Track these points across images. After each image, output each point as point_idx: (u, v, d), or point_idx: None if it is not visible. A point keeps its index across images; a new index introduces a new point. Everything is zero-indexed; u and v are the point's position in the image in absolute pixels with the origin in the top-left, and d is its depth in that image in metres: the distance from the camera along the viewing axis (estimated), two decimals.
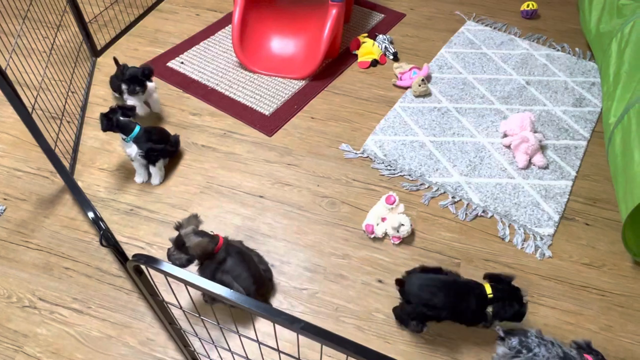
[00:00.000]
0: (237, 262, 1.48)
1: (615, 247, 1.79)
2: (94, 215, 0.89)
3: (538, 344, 1.29)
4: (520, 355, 1.28)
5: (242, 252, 1.52)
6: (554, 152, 2.12)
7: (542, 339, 1.31)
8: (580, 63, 2.61)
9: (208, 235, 1.47)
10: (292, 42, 2.56)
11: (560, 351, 1.28)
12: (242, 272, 1.47)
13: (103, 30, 2.68)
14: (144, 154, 1.85)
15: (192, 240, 1.42)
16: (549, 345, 1.29)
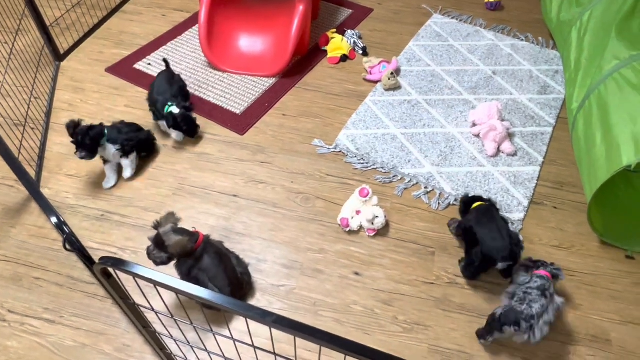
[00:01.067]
0: (214, 262, 1.47)
1: (582, 229, 1.84)
2: (57, 220, 0.87)
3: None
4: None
5: (220, 253, 1.51)
6: (522, 139, 2.17)
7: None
8: (543, 52, 2.68)
9: (187, 232, 1.46)
10: (261, 40, 2.55)
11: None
12: (219, 273, 1.46)
13: (66, 34, 2.61)
14: (120, 147, 1.84)
15: (172, 239, 1.41)
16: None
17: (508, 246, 1.52)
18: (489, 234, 1.55)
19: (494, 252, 1.52)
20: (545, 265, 1.50)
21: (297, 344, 1.45)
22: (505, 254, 1.51)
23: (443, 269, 1.70)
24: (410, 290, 1.64)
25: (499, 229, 1.56)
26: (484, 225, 1.58)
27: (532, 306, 1.36)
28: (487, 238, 1.55)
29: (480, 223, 1.59)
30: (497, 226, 1.57)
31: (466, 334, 1.54)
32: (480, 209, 1.66)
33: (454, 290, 1.65)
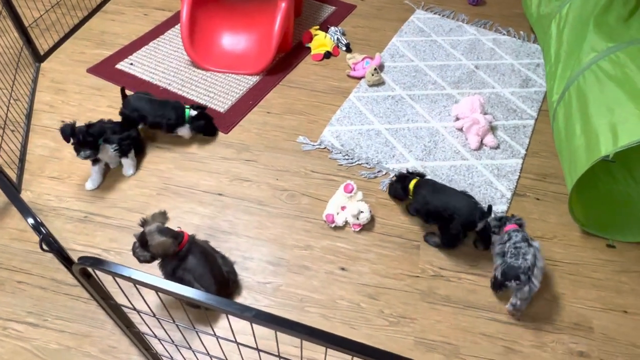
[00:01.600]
0: (199, 261, 1.46)
1: (564, 219, 1.87)
2: (34, 220, 0.86)
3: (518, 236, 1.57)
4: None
5: (205, 252, 1.51)
6: (504, 132, 2.20)
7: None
8: (525, 46, 2.71)
9: (172, 233, 1.45)
10: (244, 38, 2.54)
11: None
12: (205, 273, 1.46)
13: (46, 35, 2.57)
14: (118, 147, 1.83)
15: (155, 239, 1.40)
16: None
17: (475, 203, 1.64)
18: (454, 201, 1.64)
19: (470, 217, 1.60)
20: (510, 219, 1.64)
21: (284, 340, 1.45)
22: (479, 212, 1.61)
23: (428, 262, 1.72)
24: (396, 284, 1.65)
25: (456, 194, 1.67)
26: (443, 196, 1.67)
27: (526, 259, 1.48)
28: (457, 206, 1.63)
29: (437, 197, 1.68)
30: (452, 192, 1.69)
31: (451, 325, 1.55)
32: (423, 184, 1.74)
33: (439, 282, 1.66)
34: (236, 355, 1.36)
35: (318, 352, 1.44)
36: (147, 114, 1.96)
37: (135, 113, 1.96)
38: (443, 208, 1.64)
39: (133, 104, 1.96)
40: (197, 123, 2.02)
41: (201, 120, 2.03)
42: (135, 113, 1.96)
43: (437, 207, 1.66)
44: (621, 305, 1.63)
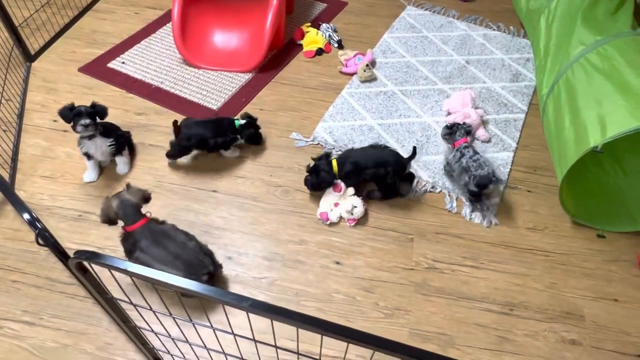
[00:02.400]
0: (154, 242, 1.46)
1: (555, 210, 1.90)
2: (30, 216, 0.86)
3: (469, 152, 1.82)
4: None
5: (166, 234, 1.49)
6: (495, 126, 2.22)
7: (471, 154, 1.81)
8: (515, 41, 2.74)
9: (133, 209, 1.49)
10: (235, 35, 2.54)
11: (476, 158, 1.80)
12: (160, 254, 1.45)
13: (36, 34, 2.56)
14: (114, 142, 1.84)
15: (105, 204, 1.49)
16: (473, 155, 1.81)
17: (395, 151, 1.81)
18: (381, 156, 1.78)
19: (399, 163, 1.78)
20: (460, 130, 1.87)
21: (280, 333, 1.46)
22: (405, 158, 1.79)
23: (422, 255, 1.73)
24: (390, 277, 1.67)
25: (375, 150, 1.81)
26: (369, 156, 1.79)
27: (488, 164, 1.77)
28: (386, 159, 1.76)
29: (366, 159, 1.78)
30: (371, 150, 1.81)
31: (446, 316, 1.57)
32: (344, 156, 1.82)
33: (433, 274, 1.68)
34: (233, 348, 1.37)
35: (314, 344, 1.45)
36: (206, 137, 1.90)
37: (193, 140, 1.90)
38: (376, 165, 1.76)
39: (187, 133, 1.90)
40: (246, 132, 1.97)
41: (251, 129, 1.98)
42: (193, 140, 1.90)
43: (370, 166, 1.77)
44: (611, 293, 1.66)
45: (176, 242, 1.50)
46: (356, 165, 1.78)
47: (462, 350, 1.50)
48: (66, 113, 1.75)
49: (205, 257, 1.52)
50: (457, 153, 1.82)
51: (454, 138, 1.88)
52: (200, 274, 1.48)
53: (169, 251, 1.47)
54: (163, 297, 1.53)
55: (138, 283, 1.43)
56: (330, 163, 1.80)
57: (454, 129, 1.89)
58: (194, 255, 1.50)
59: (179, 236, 1.53)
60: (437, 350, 1.49)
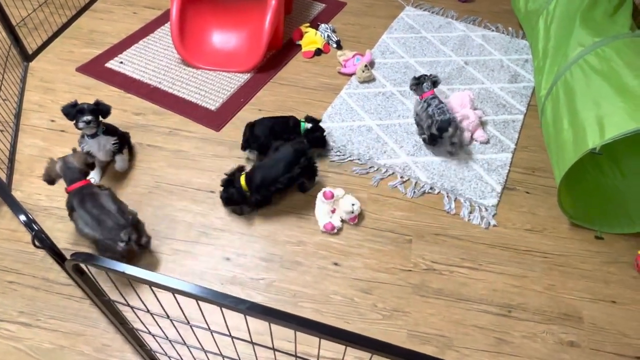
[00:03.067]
0: (79, 203, 1.54)
1: (553, 212, 1.90)
2: (26, 217, 0.86)
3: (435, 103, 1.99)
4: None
5: (91, 195, 1.56)
6: (494, 127, 2.22)
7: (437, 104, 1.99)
8: (513, 42, 2.74)
9: (74, 173, 1.58)
10: (234, 36, 2.54)
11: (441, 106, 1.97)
12: (84, 215, 1.52)
13: (34, 34, 2.55)
14: (117, 140, 1.85)
15: (49, 164, 1.60)
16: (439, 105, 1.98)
17: (298, 146, 1.79)
18: (282, 157, 1.77)
19: (299, 155, 1.77)
20: (427, 82, 2.02)
21: (278, 335, 1.46)
22: (306, 148, 1.80)
23: (420, 256, 1.73)
24: (389, 278, 1.66)
25: (278, 150, 1.82)
26: (273, 166, 1.76)
27: (450, 112, 1.97)
28: (289, 158, 1.76)
29: (269, 164, 1.78)
30: (276, 154, 1.81)
31: (444, 318, 1.57)
32: (253, 170, 1.78)
33: (431, 276, 1.68)
34: (231, 350, 1.36)
35: (312, 346, 1.45)
36: (277, 130, 1.94)
37: (261, 140, 1.93)
38: (286, 170, 1.73)
39: (257, 134, 1.94)
40: (312, 135, 1.98)
41: (316, 133, 1.99)
42: (261, 140, 1.93)
43: (281, 174, 1.73)
44: (610, 295, 1.66)
45: (101, 207, 1.55)
46: (264, 179, 1.73)
47: (460, 352, 1.49)
48: (68, 110, 1.75)
49: (127, 228, 1.54)
50: (424, 104, 2.00)
51: (422, 89, 2.04)
52: (117, 241, 1.51)
53: (92, 214, 1.52)
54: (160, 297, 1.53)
55: (135, 283, 1.43)
56: (239, 181, 1.74)
57: (421, 79, 2.04)
58: (115, 221, 1.53)
59: (106, 202, 1.57)
60: (436, 352, 1.49)
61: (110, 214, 1.53)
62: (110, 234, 1.50)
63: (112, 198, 1.59)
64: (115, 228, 1.51)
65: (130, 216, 1.58)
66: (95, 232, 1.51)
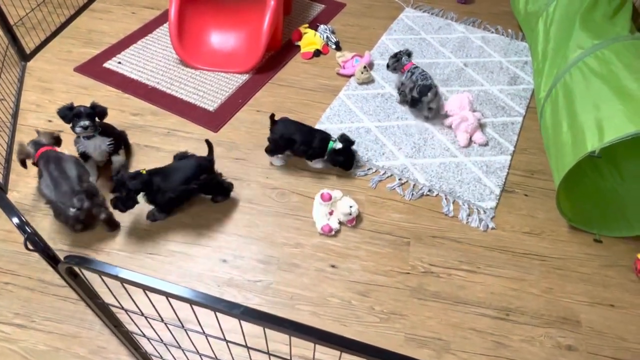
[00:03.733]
0: (44, 165, 1.62)
1: (552, 215, 1.89)
2: (19, 220, 0.85)
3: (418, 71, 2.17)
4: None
5: (55, 158, 1.62)
6: (493, 129, 2.21)
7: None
8: (513, 43, 2.73)
9: (36, 144, 1.69)
10: (233, 36, 2.53)
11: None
12: (46, 177, 1.60)
13: (32, 33, 2.55)
14: (113, 141, 1.85)
15: (20, 146, 1.70)
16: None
17: (195, 160, 1.77)
18: (181, 168, 1.75)
19: (205, 169, 1.76)
20: (404, 56, 2.22)
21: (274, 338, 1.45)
22: (207, 160, 1.77)
23: (418, 259, 1.72)
24: (386, 281, 1.66)
25: (177, 160, 1.82)
26: (172, 175, 1.73)
27: (432, 79, 2.13)
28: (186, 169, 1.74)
29: (163, 174, 1.72)
30: (174, 164, 1.80)
31: (441, 321, 1.56)
32: (152, 174, 1.72)
33: (429, 279, 1.67)
34: (226, 354, 1.35)
35: (309, 349, 1.44)
36: (296, 139, 1.89)
37: (283, 138, 1.90)
38: (184, 182, 1.70)
39: (281, 130, 1.91)
40: (335, 157, 1.92)
41: (340, 157, 1.92)
42: (283, 138, 1.90)
43: (172, 184, 1.70)
44: (608, 299, 1.65)
45: (62, 170, 1.60)
46: (159, 185, 1.67)
47: (457, 356, 1.49)
48: (65, 113, 1.74)
49: (80, 195, 1.57)
50: (408, 73, 2.17)
51: (402, 63, 2.21)
52: (69, 206, 1.55)
53: (52, 176, 1.58)
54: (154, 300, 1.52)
55: (129, 286, 1.42)
56: (133, 186, 1.63)
57: (398, 56, 2.23)
58: (70, 187, 1.56)
59: (69, 167, 1.62)
60: (433, 355, 1.48)
61: (69, 179, 1.58)
62: (64, 198, 1.55)
63: (76, 165, 1.65)
64: (69, 193, 1.56)
65: (86, 184, 1.62)
66: (51, 193, 1.57)
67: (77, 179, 1.60)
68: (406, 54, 2.23)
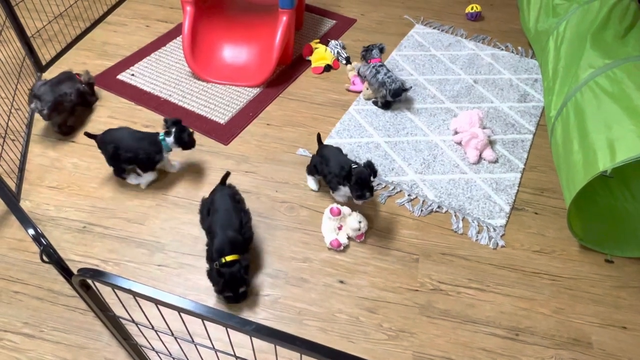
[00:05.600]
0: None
1: (562, 233, 1.88)
2: (34, 231, 0.86)
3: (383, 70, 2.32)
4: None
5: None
6: (503, 147, 2.21)
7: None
8: (523, 61, 2.74)
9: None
10: (245, 50, 2.56)
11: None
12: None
13: (48, 45, 2.60)
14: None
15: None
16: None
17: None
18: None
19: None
20: (375, 49, 2.36)
21: (282, 353, 1.44)
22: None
23: (427, 276, 1.71)
24: (395, 298, 1.65)
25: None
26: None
27: (397, 79, 2.28)
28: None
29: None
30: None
31: (450, 340, 1.55)
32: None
33: (438, 296, 1.66)
34: None
35: None
36: (326, 166, 1.83)
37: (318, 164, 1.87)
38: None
39: (323, 152, 1.87)
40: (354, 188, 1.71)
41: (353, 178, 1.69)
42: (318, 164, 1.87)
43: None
44: (620, 320, 1.63)
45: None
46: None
47: None
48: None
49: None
50: (373, 70, 2.30)
51: (371, 55, 2.35)
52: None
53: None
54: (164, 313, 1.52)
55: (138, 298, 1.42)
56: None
57: (370, 47, 2.37)
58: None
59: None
60: None
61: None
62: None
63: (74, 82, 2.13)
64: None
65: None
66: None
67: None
68: (379, 48, 2.36)
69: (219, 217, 1.61)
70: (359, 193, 1.67)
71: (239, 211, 1.66)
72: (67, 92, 2.07)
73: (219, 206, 1.64)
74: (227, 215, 1.62)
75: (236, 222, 1.61)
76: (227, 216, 1.61)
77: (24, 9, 2.69)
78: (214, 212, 1.64)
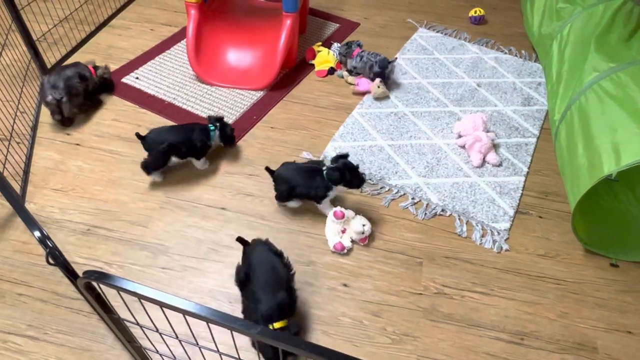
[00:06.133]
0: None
1: (567, 237, 1.87)
2: (40, 233, 0.86)
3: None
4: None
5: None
6: (506, 150, 2.21)
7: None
8: (526, 64, 2.74)
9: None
10: (249, 54, 2.57)
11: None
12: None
13: (53, 48, 2.61)
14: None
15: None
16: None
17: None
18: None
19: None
20: (353, 44, 2.52)
21: None
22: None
23: (431, 280, 1.71)
24: (399, 301, 1.64)
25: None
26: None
27: (379, 55, 2.43)
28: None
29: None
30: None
31: (454, 344, 1.54)
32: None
33: (442, 300, 1.65)
34: None
35: None
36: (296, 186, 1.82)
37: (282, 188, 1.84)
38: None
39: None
40: (333, 175, 1.74)
41: (337, 172, 1.73)
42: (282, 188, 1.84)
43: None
44: (625, 325, 1.62)
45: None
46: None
47: None
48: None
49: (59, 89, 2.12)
50: (357, 57, 2.48)
51: (352, 50, 2.51)
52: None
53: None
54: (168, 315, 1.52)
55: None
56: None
57: (349, 43, 2.54)
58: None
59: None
60: None
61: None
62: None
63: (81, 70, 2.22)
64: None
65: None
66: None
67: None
68: (357, 44, 2.53)
69: (262, 278, 1.43)
70: (359, 179, 1.76)
71: (283, 267, 1.48)
72: (70, 76, 2.15)
73: (258, 265, 1.46)
74: (273, 275, 1.44)
75: (283, 281, 1.44)
76: (272, 276, 1.44)
77: (30, 13, 2.70)
78: (253, 272, 1.46)
